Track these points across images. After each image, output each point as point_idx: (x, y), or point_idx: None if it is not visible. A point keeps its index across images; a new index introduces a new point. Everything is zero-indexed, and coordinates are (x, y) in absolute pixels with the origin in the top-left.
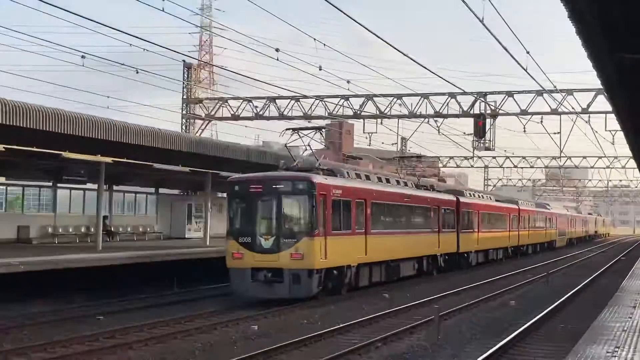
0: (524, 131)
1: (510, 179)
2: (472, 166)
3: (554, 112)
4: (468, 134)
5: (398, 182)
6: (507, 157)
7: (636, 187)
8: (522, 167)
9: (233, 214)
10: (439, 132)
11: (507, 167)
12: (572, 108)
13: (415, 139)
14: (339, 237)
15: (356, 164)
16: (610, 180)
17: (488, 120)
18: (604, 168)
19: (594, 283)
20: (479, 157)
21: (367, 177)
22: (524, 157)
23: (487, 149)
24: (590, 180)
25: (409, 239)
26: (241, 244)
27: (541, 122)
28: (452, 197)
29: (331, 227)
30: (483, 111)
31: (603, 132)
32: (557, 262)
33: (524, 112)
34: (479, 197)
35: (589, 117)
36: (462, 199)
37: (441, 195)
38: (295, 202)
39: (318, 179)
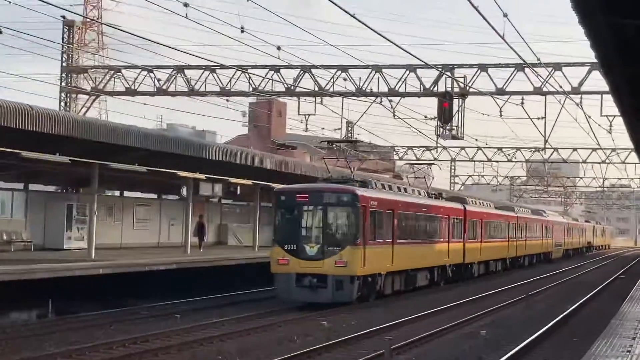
0: (500, 115)
1: (482, 176)
2: (435, 159)
3: (538, 91)
4: (430, 118)
5: (413, 191)
6: (479, 149)
7: (638, 187)
8: (497, 161)
9: (279, 222)
10: (394, 115)
11: (479, 161)
12: (561, 87)
13: (364, 123)
14: (375, 246)
15: (289, 154)
16: (606, 179)
17: (456, 101)
18: (599, 163)
19: (587, 306)
20: (444, 148)
21: (390, 187)
22: (499, 149)
23: (455, 137)
24: (581, 178)
25: (427, 248)
26: (287, 250)
27: (521, 104)
28: (460, 206)
29: (369, 237)
30: (449, 89)
31: (598, 118)
32: (548, 279)
33: (500, 92)
34: (480, 204)
35: (581, 98)
36: (468, 208)
37: (452, 203)
38: (340, 213)
39: (360, 191)
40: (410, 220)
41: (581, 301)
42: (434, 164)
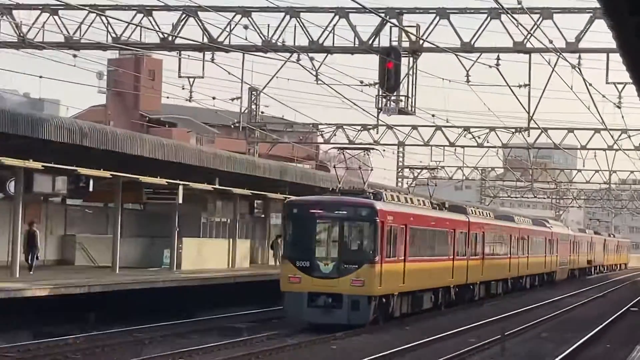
0: (467, 82)
1: (442, 167)
2: (376, 142)
3: (519, 48)
4: (369, 85)
5: (419, 202)
6: (438, 128)
7: None
8: (463, 146)
9: (290, 237)
10: (317, 79)
11: (437, 146)
12: (551, 42)
13: (274, 91)
14: (390, 264)
15: (167, 134)
16: (614, 172)
17: (404, 60)
18: (604, 150)
19: (586, 352)
20: (389, 127)
21: (398, 198)
22: (466, 129)
23: (403, 112)
24: (579, 171)
25: (434, 266)
26: (299, 267)
27: (496, 65)
28: (464, 217)
29: (385, 254)
30: (396, 43)
31: (603, 86)
32: (539, 310)
33: (467, 48)
34: (480, 213)
35: (580, 58)
36: (471, 219)
37: (457, 215)
38: (358, 228)
39: (379, 205)
40: (420, 235)
41: (577, 344)
42: (374, 148)
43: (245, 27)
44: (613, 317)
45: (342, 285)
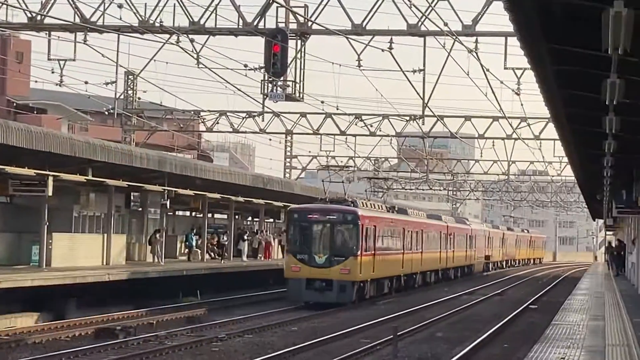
0: (359, 66)
1: (333, 157)
2: (262, 130)
3: (413, 30)
4: (254, 69)
5: (379, 206)
6: (328, 116)
7: (559, 174)
8: (354, 135)
9: (292, 236)
10: (198, 63)
11: (327, 134)
12: (446, 25)
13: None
14: (367, 257)
15: (36, 120)
16: (513, 162)
17: (292, 43)
18: (503, 139)
19: (481, 353)
20: (276, 115)
21: (366, 204)
22: (358, 117)
23: (291, 98)
24: (477, 161)
25: (394, 258)
26: (299, 259)
27: (389, 49)
28: (408, 218)
29: (363, 249)
30: (282, 24)
31: (501, 72)
32: (440, 306)
33: (357, 30)
34: (418, 214)
35: (477, 42)
36: (412, 219)
37: (403, 216)
38: (345, 229)
39: (360, 211)
40: (383, 234)
41: (472, 345)
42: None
43: (120, 6)
44: (511, 316)
45: (332, 273)
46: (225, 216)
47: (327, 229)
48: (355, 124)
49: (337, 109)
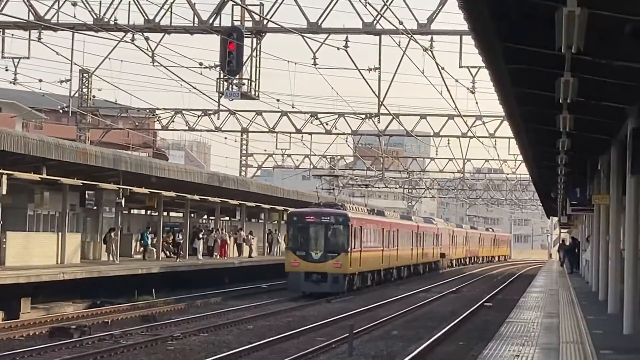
0: (314, 64)
1: (289, 155)
2: (218, 128)
3: (369, 29)
4: (210, 67)
5: (362, 208)
6: (284, 114)
7: (514, 172)
8: (310, 133)
9: (291, 235)
10: (153, 61)
11: (283, 133)
12: (402, 23)
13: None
14: (355, 253)
15: None
16: (468, 160)
17: (247, 41)
18: (458, 137)
19: (436, 351)
20: (232, 113)
21: (352, 207)
22: (314, 115)
23: (246, 96)
24: (432, 159)
25: (375, 254)
26: (298, 255)
27: (345, 47)
28: (385, 219)
29: (352, 246)
30: (238, 23)
31: (456, 70)
32: (396, 304)
33: (313, 29)
34: (392, 215)
35: (432, 40)
36: (389, 220)
37: (381, 217)
38: (337, 229)
39: (350, 213)
40: (367, 233)
41: (427, 343)
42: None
43: (74, 3)
44: (466, 313)
45: (327, 267)
46: (180, 214)
47: (321, 229)
48: (311, 122)
49: (293, 107)
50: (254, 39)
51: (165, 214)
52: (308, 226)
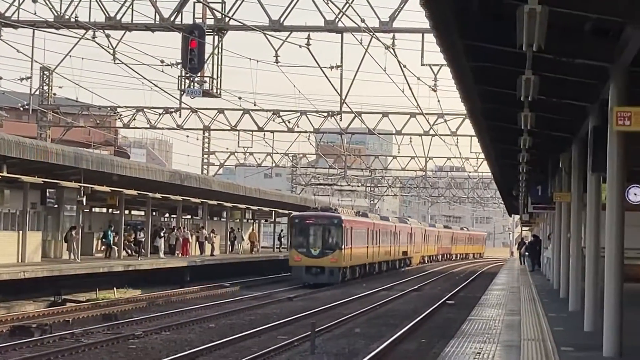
0: (277, 62)
1: (251, 153)
2: (180, 126)
3: (330, 27)
4: (171, 65)
5: (349, 211)
6: (246, 112)
7: (476, 170)
8: (272, 131)
9: (294, 235)
10: (114, 59)
11: (245, 131)
12: (363, 21)
13: (68, 71)
14: (347, 250)
15: None
16: (430, 158)
17: (209, 39)
18: (420, 135)
19: (398, 348)
20: (194, 111)
21: (348, 212)
22: (276, 113)
23: (208, 93)
24: (395, 157)
25: (362, 251)
26: (300, 252)
27: (307, 45)
28: (370, 220)
29: (345, 244)
30: (199, 20)
31: (418, 68)
32: (357, 302)
33: (275, 27)
34: (375, 217)
35: (394, 38)
36: (373, 221)
37: (366, 219)
38: (332, 230)
39: (343, 216)
40: (355, 232)
41: (389, 341)
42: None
43: (35, 0)
44: (428, 311)
45: (325, 262)
46: (142, 213)
47: (319, 230)
48: (273, 120)
49: (255, 105)
50: (216, 37)
51: (126, 212)
52: (308, 227)
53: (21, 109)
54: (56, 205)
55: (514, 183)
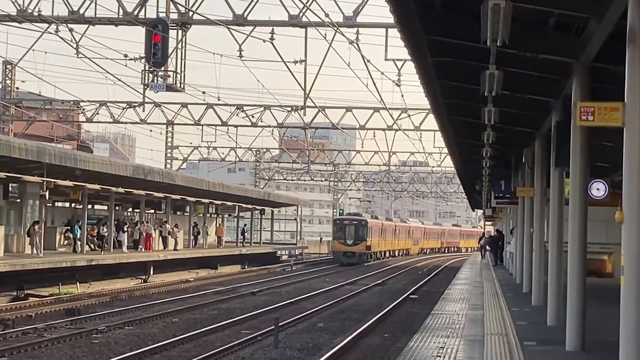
0: (240, 56)
1: (214, 148)
2: (143, 121)
3: (294, 21)
4: (134, 59)
5: (373, 216)
6: (209, 106)
7: (439, 165)
8: (236, 126)
9: (336, 232)
10: (77, 53)
11: (208, 125)
12: (327, 16)
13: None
14: (371, 241)
15: None
16: (393, 153)
17: (173, 33)
18: (383, 129)
19: (360, 344)
20: (157, 105)
21: (372, 215)
22: (239, 108)
23: (172, 88)
24: (358, 152)
25: (383, 242)
26: (339, 242)
27: (271, 39)
28: (386, 221)
29: (370, 237)
30: (163, 14)
31: (382, 63)
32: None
33: (239, 21)
34: (388, 220)
35: (358, 33)
36: (373, 221)
37: (384, 220)
38: (360, 228)
39: (368, 219)
40: (377, 229)
41: (352, 335)
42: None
43: None
44: (392, 306)
45: (355, 249)
46: (105, 207)
47: (352, 228)
48: (237, 115)
49: (219, 99)
50: (180, 31)
51: (89, 206)
52: (345, 226)
53: None
54: (19, 200)
55: (477, 178)
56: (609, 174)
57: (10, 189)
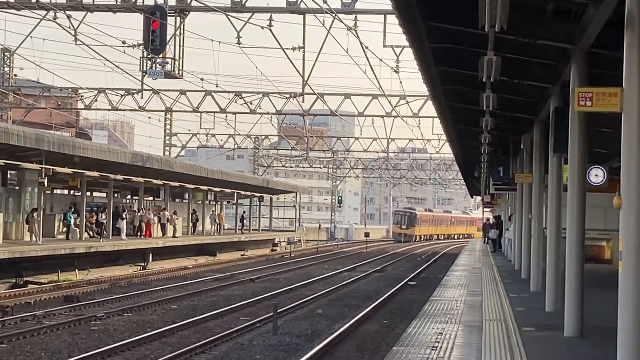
0: (238, 43)
1: (213, 135)
2: (141, 108)
3: (292, 8)
4: (133, 46)
5: (421, 209)
6: (208, 93)
7: (438, 152)
8: (234, 113)
9: (395, 218)
10: (75, 40)
11: (207, 112)
12: (326, 2)
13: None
14: (420, 227)
15: None
16: (392, 140)
17: (171, 20)
18: (382, 116)
19: (359, 329)
20: (155, 92)
21: (419, 209)
22: (238, 95)
23: (170, 75)
24: (357, 139)
25: (428, 229)
26: (397, 226)
27: (269, 26)
28: (434, 212)
29: (418, 224)
30: (161, 1)
31: (380, 50)
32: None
33: (237, 8)
34: (431, 211)
35: (356, 19)
36: (418, 213)
37: (429, 212)
38: (412, 217)
39: (417, 211)
40: (424, 219)
41: (351, 322)
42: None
43: None
44: (390, 292)
45: (409, 232)
46: (104, 194)
47: (406, 216)
48: (235, 102)
49: (217, 86)
50: (178, 18)
51: (88, 193)
52: (402, 215)
53: None
54: (17, 187)
55: (476, 164)
56: (608, 160)
57: (9, 176)
